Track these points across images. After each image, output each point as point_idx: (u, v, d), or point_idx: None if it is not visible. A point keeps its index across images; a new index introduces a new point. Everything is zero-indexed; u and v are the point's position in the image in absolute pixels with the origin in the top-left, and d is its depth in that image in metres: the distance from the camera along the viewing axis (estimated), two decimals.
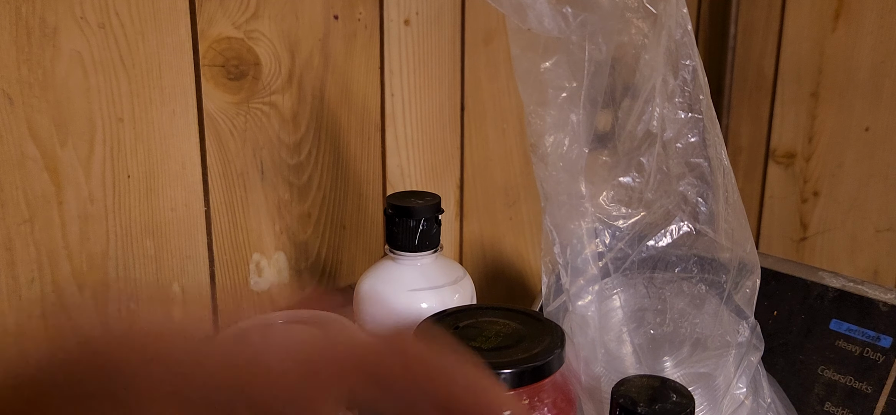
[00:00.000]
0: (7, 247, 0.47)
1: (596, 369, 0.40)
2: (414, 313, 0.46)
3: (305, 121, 0.60)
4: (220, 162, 0.56)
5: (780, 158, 0.86)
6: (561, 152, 0.39)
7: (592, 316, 0.40)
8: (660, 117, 0.40)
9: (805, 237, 0.86)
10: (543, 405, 0.37)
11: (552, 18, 0.38)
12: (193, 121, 0.54)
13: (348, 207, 0.65)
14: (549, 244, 0.41)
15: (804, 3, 0.81)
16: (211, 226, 0.57)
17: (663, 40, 0.39)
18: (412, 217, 0.47)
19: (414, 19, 0.66)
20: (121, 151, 0.51)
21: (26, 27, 0.46)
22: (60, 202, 0.49)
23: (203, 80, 0.54)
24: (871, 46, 0.77)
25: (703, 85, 0.40)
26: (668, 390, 0.35)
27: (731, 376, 0.41)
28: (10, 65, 0.46)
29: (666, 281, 0.42)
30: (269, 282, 0.61)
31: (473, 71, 0.71)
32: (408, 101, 0.67)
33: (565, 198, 0.40)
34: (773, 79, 0.85)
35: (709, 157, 0.41)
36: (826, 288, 0.50)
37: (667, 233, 0.42)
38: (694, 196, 0.41)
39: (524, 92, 0.40)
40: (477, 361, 0.27)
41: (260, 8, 0.56)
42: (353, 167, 0.64)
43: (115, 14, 0.49)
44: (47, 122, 0.48)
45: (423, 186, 0.70)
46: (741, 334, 0.41)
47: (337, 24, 0.61)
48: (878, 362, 0.46)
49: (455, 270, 0.50)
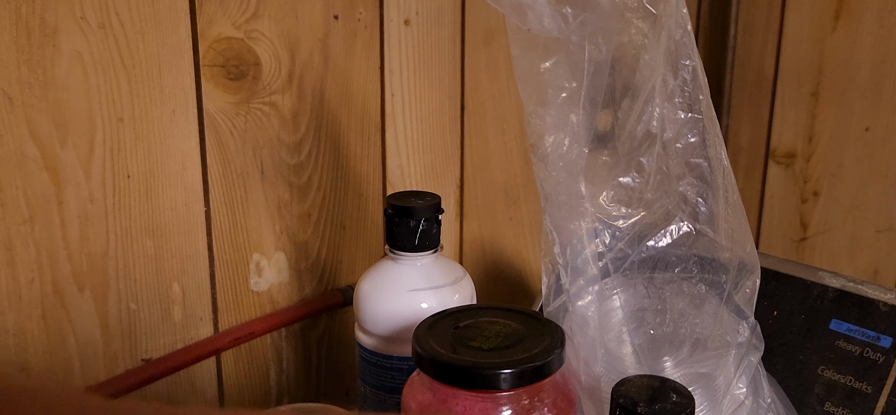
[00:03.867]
0: (7, 247, 0.47)
1: (596, 369, 0.40)
2: (414, 313, 0.46)
3: (305, 121, 0.60)
4: (220, 162, 0.56)
5: (781, 158, 0.86)
6: (561, 152, 0.39)
7: (592, 316, 0.40)
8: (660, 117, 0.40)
9: (805, 237, 0.86)
10: (543, 405, 0.37)
11: (552, 18, 0.38)
12: (193, 121, 0.54)
13: (348, 208, 0.65)
14: (549, 244, 0.41)
15: (804, 4, 0.81)
16: (211, 226, 0.57)
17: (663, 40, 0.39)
18: (412, 217, 0.47)
19: (414, 19, 0.66)
20: (121, 151, 0.51)
21: (26, 27, 0.46)
22: (60, 202, 0.49)
23: (203, 80, 0.54)
24: (871, 46, 0.77)
25: (703, 85, 0.40)
26: (668, 391, 0.35)
27: (731, 376, 0.41)
28: (10, 65, 0.46)
29: (666, 281, 0.42)
30: (269, 282, 0.61)
31: (473, 71, 0.71)
32: (408, 102, 0.67)
33: (565, 198, 0.40)
34: (773, 79, 0.85)
35: (709, 157, 0.41)
36: (826, 288, 0.50)
37: (667, 233, 0.42)
38: (694, 196, 0.41)
39: (524, 92, 0.40)
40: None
41: (260, 8, 0.56)
42: (353, 167, 0.64)
43: (115, 14, 0.49)
44: (47, 122, 0.48)
45: (423, 186, 0.70)
46: (741, 334, 0.41)
47: (337, 24, 0.61)
48: (878, 362, 0.46)
49: (455, 270, 0.50)
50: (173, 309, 0.56)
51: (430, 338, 0.38)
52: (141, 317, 0.54)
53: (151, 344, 0.55)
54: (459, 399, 0.36)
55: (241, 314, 0.60)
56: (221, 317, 0.59)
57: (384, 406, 0.48)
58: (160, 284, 0.55)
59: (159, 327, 0.55)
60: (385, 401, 0.48)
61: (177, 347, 0.56)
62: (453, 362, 0.36)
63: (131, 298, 0.53)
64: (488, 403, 0.36)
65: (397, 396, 0.47)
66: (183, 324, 0.56)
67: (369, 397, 0.49)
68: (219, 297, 0.58)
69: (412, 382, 0.40)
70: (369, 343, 0.48)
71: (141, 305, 0.54)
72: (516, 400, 0.36)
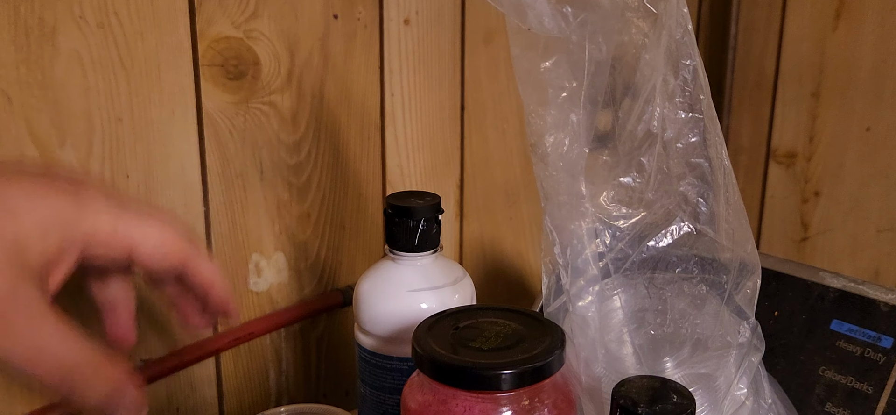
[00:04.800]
0: None
1: (596, 370, 0.40)
2: (414, 313, 0.46)
3: (305, 121, 0.60)
4: (220, 162, 0.56)
5: (781, 157, 0.86)
6: (561, 152, 0.39)
7: (593, 317, 0.40)
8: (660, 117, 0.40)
9: (806, 237, 0.86)
10: (544, 406, 0.37)
11: (552, 18, 0.38)
12: (192, 121, 0.54)
13: (348, 207, 0.65)
14: (550, 245, 0.40)
15: (805, 3, 0.81)
16: (210, 226, 0.57)
17: (664, 40, 0.39)
18: (412, 217, 0.47)
19: (414, 19, 0.65)
20: (120, 151, 0.51)
21: (25, 27, 0.46)
22: None
23: (202, 79, 0.54)
24: (871, 46, 0.77)
25: (704, 85, 0.40)
26: (669, 391, 0.35)
27: (731, 376, 0.40)
28: (9, 64, 0.46)
29: (666, 281, 0.42)
30: (268, 282, 0.61)
31: (473, 71, 0.71)
32: (408, 101, 0.67)
33: (565, 198, 0.40)
34: (774, 79, 0.85)
35: (709, 157, 0.41)
36: (827, 288, 0.50)
37: (667, 233, 0.42)
38: (694, 196, 0.41)
39: (524, 92, 0.40)
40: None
41: (259, 7, 0.56)
42: (353, 167, 0.64)
43: (113, 13, 0.49)
44: (46, 121, 0.47)
45: (423, 186, 0.70)
46: (742, 334, 0.41)
47: (336, 23, 0.60)
48: (879, 363, 0.46)
49: (455, 270, 0.50)
50: (173, 309, 0.56)
51: (429, 338, 0.38)
52: (140, 317, 0.54)
53: (151, 344, 0.55)
54: (459, 400, 0.36)
55: (241, 315, 0.60)
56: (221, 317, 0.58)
57: (384, 407, 0.48)
58: None
59: (159, 328, 0.55)
60: (385, 402, 0.48)
61: (176, 347, 0.56)
62: (453, 363, 0.36)
63: None
64: (488, 403, 0.36)
65: (397, 396, 0.46)
66: None
67: (369, 397, 0.49)
68: None
69: (412, 382, 0.39)
70: (369, 344, 0.48)
71: (140, 305, 0.54)
72: (516, 401, 0.36)
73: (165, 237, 0.36)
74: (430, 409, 0.37)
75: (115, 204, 0.34)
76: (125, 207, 0.35)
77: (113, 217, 0.34)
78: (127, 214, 0.35)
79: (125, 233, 0.35)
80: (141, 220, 0.35)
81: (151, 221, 0.36)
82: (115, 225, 0.34)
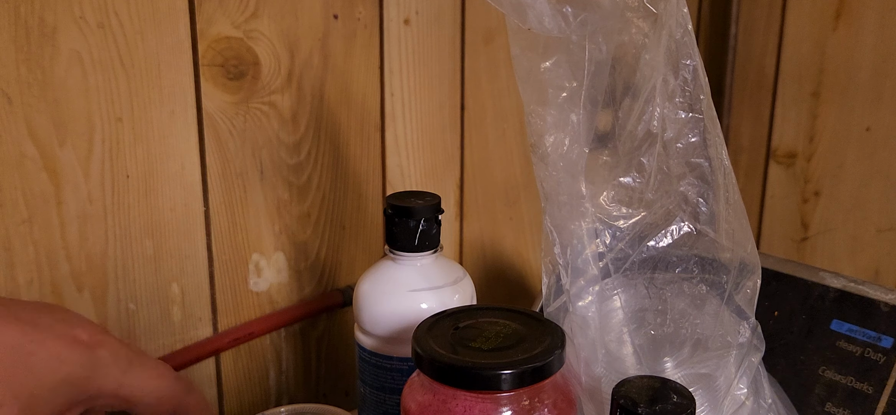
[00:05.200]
0: (6, 247, 0.47)
1: (596, 370, 0.40)
2: (414, 313, 0.46)
3: (305, 121, 0.60)
4: (220, 162, 0.56)
5: (781, 157, 0.86)
6: (561, 152, 0.39)
7: (593, 317, 0.40)
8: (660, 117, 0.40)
9: (806, 237, 0.86)
10: (544, 406, 0.37)
11: (552, 18, 0.38)
12: (192, 121, 0.54)
13: (348, 207, 0.65)
14: (550, 245, 0.40)
15: (805, 3, 0.81)
16: (210, 226, 0.57)
17: (664, 40, 0.39)
18: (412, 217, 0.47)
19: (414, 19, 0.65)
20: (120, 151, 0.51)
21: (25, 27, 0.46)
22: (59, 202, 0.49)
23: (202, 79, 0.54)
24: (871, 46, 0.77)
25: (704, 85, 0.40)
26: (669, 391, 0.35)
27: (731, 376, 0.40)
28: (9, 64, 0.46)
29: (666, 281, 0.42)
30: (268, 282, 0.61)
31: (473, 71, 0.71)
32: (408, 101, 0.67)
33: (565, 198, 0.40)
34: (774, 78, 0.85)
35: (709, 157, 0.41)
36: (827, 288, 0.50)
37: (667, 233, 0.42)
38: (694, 196, 0.41)
39: (524, 92, 0.40)
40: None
41: (259, 7, 0.56)
42: (353, 167, 0.64)
43: (113, 14, 0.49)
44: (46, 121, 0.47)
45: (423, 186, 0.70)
46: (742, 334, 0.41)
47: (336, 23, 0.60)
48: (879, 363, 0.46)
49: (455, 270, 0.50)
50: (172, 309, 0.56)
51: (429, 338, 0.38)
52: (140, 317, 0.54)
53: (150, 344, 0.55)
54: (459, 400, 0.36)
55: (241, 315, 0.60)
56: (220, 317, 0.58)
57: (384, 407, 0.48)
58: (159, 284, 0.54)
59: (158, 328, 0.55)
60: (385, 402, 0.48)
61: (176, 347, 0.56)
62: (453, 363, 0.36)
63: (130, 299, 0.53)
64: (488, 403, 0.36)
65: (397, 396, 0.46)
66: (182, 324, 0.56)
67: (369, 397, 0.49)
68: (218, 297, 0.58)
69: (412, 382, 0.39)
70: (369, 344, 0.48)
71: (140, 305, 0.54)
72: (516, 401, 0.36)
73: (162, 388, 0.40)
74: (430, 409, 0.37)
75: (124, 360, 0.38)
76: (132, 363, 0.39)
77: (120, 373, 0.38)
78: (133, 370, 0.39)
79: (129, 389, 0.39)
80: (144, 373, 0.39)
81: (153, 373, 0.40)
82: (120, 381, 0.38)
